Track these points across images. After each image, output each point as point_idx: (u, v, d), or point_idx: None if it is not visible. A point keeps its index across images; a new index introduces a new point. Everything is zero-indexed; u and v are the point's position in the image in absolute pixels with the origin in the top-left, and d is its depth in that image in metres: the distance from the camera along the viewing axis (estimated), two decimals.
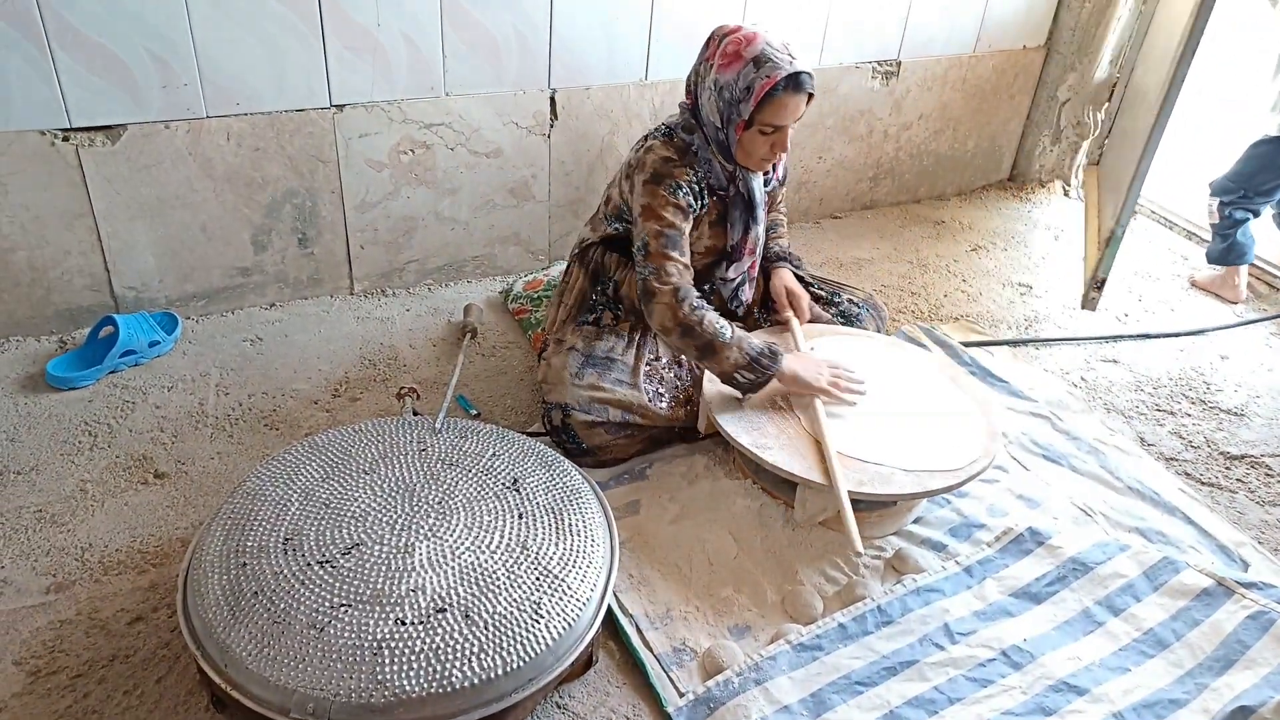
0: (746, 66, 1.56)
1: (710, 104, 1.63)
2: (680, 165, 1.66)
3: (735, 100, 1.58)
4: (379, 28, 1.96)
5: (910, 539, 1.62)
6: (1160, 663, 1.42)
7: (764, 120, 1.58)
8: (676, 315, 1.60)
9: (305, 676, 1.13)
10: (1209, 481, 1.86)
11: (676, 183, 1.65)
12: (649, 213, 1.65)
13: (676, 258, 1.63)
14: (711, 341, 1.59)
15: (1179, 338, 2.33)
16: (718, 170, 1.70)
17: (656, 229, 1.64)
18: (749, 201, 1.74)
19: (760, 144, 1.62)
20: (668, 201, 1.64)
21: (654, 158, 1.67)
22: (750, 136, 1.62)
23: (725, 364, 1.60)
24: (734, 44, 1.59)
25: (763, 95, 1.55)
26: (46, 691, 1.29)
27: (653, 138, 1.72)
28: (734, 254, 1.79)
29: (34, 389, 1.84)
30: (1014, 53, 2.87)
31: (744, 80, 1.56)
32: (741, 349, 1.60)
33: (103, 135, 1.84)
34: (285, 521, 1.32)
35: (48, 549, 1.51)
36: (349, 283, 2.23)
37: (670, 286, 1.61)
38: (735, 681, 1.35)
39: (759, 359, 1.60)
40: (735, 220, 1.75)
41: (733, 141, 1.63)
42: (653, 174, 1.66)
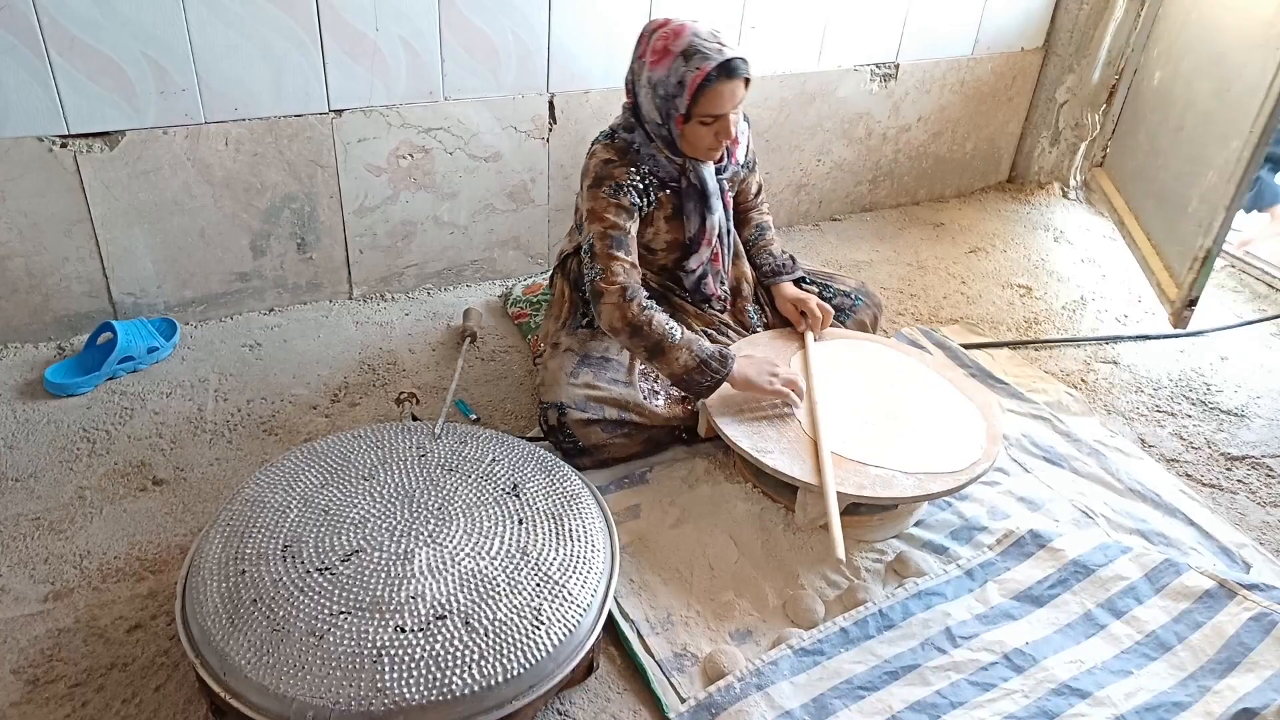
0: (676, 61, 1.57)
1: (648, 101, 1.64)
2: (620, 165, 1.68)
3: (670, 95, 1.59)
4: (377, 32, 1.96)
5: (911, 542, 1.62)
6: (1162, 665, 1.42)
7: (702, 112, 1.59)
8: (625, 314, 1.61)
9: (305, 684, 1.12)
10: (1210, 483, 1.85)
11: (617, 183, 1.66)
12: (592, 215, 1.67)
13: (622, 257, 1.64)
14: (660, 342, 1.60)
15: (1179, 338, 2.32)
16: (664, 164, 1.71)
17: (600, 230, 1.65)
18: (702, 191, 1.74)
19: (704, 134, 1.63)
20: (609, 203, 1.65)
21: (595, 162, 1.70)
22: (692, 129, 1.62)
23: (674, 365, 1.60)
24: (662, 39, 1.60)
25: (696, 87, 1.55)
26: (45, 700, 1.29)
27: (597, 142, 1.74)
28: (692, 245, 1.79)
29: (32, 396, 1.84)
30: (1012, 55, 2.88)
31: (675, 75, 1.57)
32: (691, 351, 1.60)
33: (101, 141, 1.84)
34: (284, 528, 1.32)
35: (46, 556, 1.51)
36: (348, 288, 2.23)
37: (617, 286, 1.62)
38: (737, 686, 1.34)
39: (708, 362, 1.60)
40: (690, 212, 1.76)
41: (676, 135, 1.64)
42: (594, 178, 1.68)
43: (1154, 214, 2.54)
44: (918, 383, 1.77)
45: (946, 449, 1.60)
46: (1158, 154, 2.56)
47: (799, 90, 2.55)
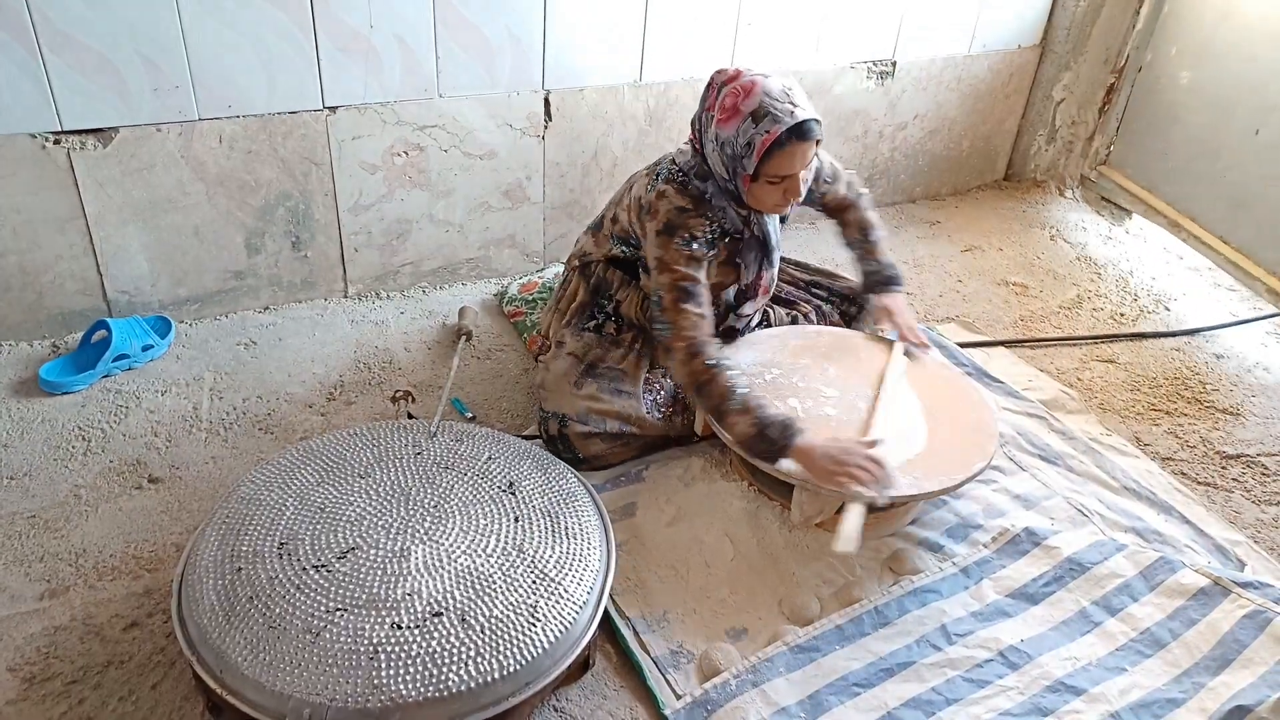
0: (745, 122, 1.50)
1: (715, 157, 1.59)
2: (695, 215, 1.61)
3: (739, 156, 1.53)
4: (371, 29, 1.95)
5: (907, 540, 1.62)
6: (1157, 662, 1.42)
7: (770, 173, 1.53)
8: (691, 371, 1.55)
9: (301, 681, 1.12)
10: (1205, 481, 1.86)
11: (691, 235, 1.60)
12: (662, 265, 1.59)
13: (691, 311, 1.57)
14: (719, 405, 1.52)
15: (1175, 337, 2.33)
16: (733, 217, 1.67)
17: (670, 282, 1.58)
18: (764, 243, 1.72)
19: (771, 193, 1.58)
20: (680, 254, 1.58)
21: (667, 206, 1.61)
22: (759, 187, 1.57)
23: (733, 430, 1.52)
24: (731, 96, 1.53)
25: (764, 150, 1.50)
26: (41, 698, 1.29)
27: (666, 180, 1.64)
28: (748, 292, 1.77)
29: (27, 394, 1.83)
30: (1009, 53, 2.88)
31: (744, 136, 1.51)
32: (750, 416, 1.49)
33: (94, 138, 1.83)
34: (280, 526, 1.32)
35: (41, 555, 1.50)
36: (343, 286, 2.23)
37: (684, 342, 1.55)
38: (733, 684, 1.34)
39: (767, 429, 1.48)
40: (750, 262, 1.72)
41: (743, 192, 1.59)
42: (665, 225, 1.60)
43: (1233, 219, 2.56)
44: (913, 381, 1.77)
45: (942, 447, 1.60)
46: (1217, 156, 2.59)
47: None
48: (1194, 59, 2.66)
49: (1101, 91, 2.94)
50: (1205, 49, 2.62)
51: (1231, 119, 2.54)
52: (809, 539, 1.59)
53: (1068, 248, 2.76)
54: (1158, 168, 2.81)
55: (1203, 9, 2.62)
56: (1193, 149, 2.68)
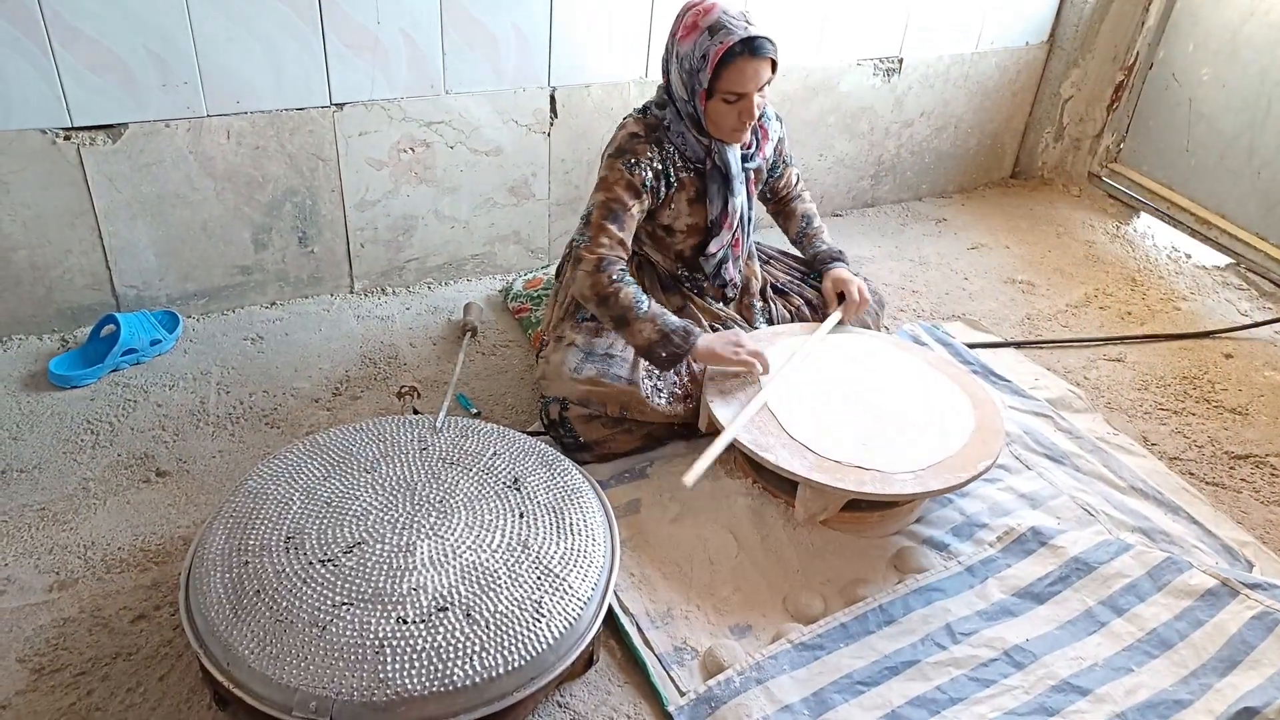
0: (702, 35, 1.59)
1: (677, 77, 1.66)
2: (644, 141, 1.69)
3: (695, 70, 1.61)
4: (378, 25, 1.95)
5: (912, 538, 1.62)
6: (1164, 663, 1.42)
7: (724, 88, 1.60)
8: (595, 283, 1.63)
9: (307, 675, 1.13)
10: (1213, 481, 1.85)
11: (636, 158, 1.67)
12: (602, 184, 1.68)
13: (613, 230, 1.65)
14: (625, 314, 1.62)
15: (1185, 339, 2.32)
16: (692, 143, 1.71)
17: (603, 199, 1.67)
18: (725, 174, 1.75)
19: (727, 113, 1.63)
20: (622, 175, 1.67)
21: (623, 133, 1.71)
22: (715, 106, 1.63)
23: (638, 338, 1.63)
24: (692, 15, 1.62)
25: (718, 61, 1.57)
26: (50, 689, 1.30)
27: (628, 116, 1.75)
28: (714, 228, 1.80)
29: (36, 387, 1.84)
30: (1016, 50, 2.87)
31: (700, 49, 1.59)
32: (655, 324, 1.62)
33: (104, 134, 1.84)
34: (287, 520, 1.32)
35: (50, 547, 1.51)
36: (349, 281, 2.23)
37: (595, 256, 1.64)
38: (736, 681, 1.34)
39: (670, 335, 1.62)
40: (713, 195, 1.76)
41: (700, 113, 1.65)
42: (616, 148, 1.69)
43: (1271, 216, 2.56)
44: (919, 379, 1.77)
45: (948, 445, 1.60)
46: (1252, 153, 2.59)
47: (801, 84, 2.54)
48: (1214, 55, 2.65)
49: (1110, 89, 2.93)
50: (1230, 46, 2.61)
51: (1267, 116, 2.53)
52: (813, 536, 1.59)
53: (1075, 245, 2.75)
54: (1179, 164, 2.80)
55: (1224, 6, 2.61)
56: (1222, 145, 2.67)
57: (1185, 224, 2.78)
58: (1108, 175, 3.01)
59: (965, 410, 1.70)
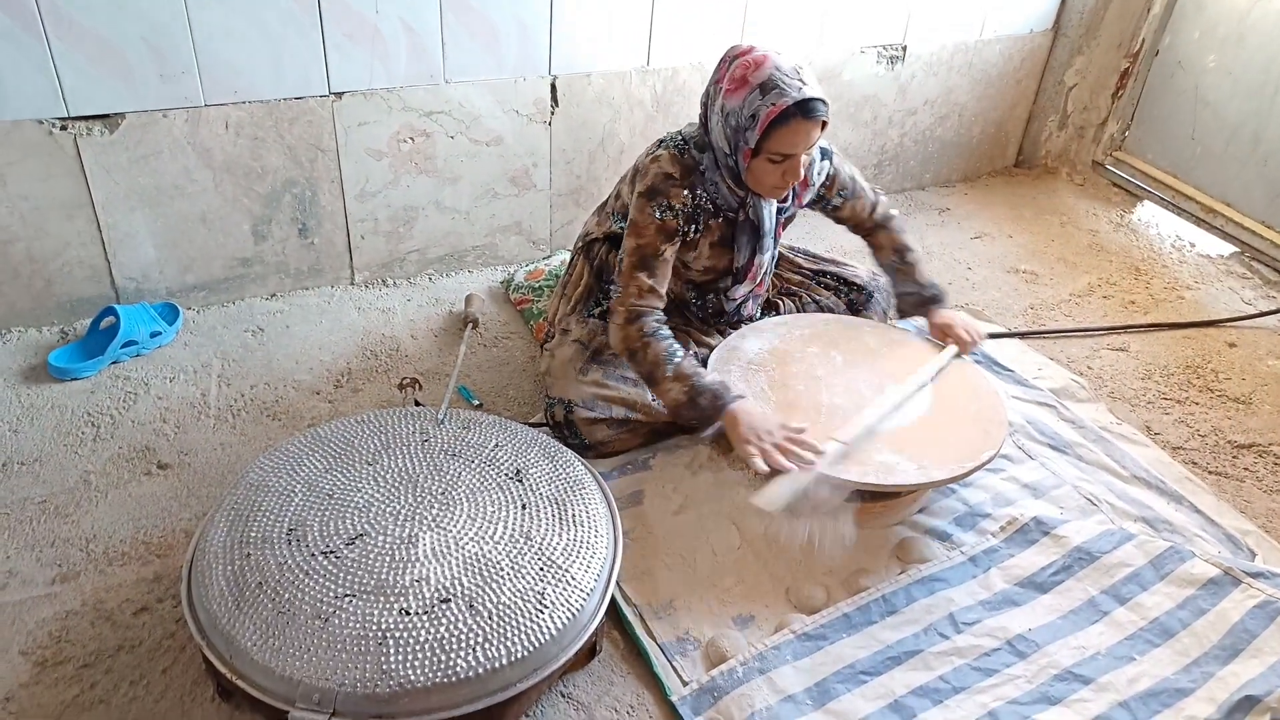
0: (753, 93, 1.49)
1: (719, 130, 1.58)
2: (679, 185, 1.61)
3: (741, 128, 1.52)
4: (377, 14, 1.94)
5: (915, 528, 1.61)
6: (1166, 652, 1.42)
7: (772, 149, 1.52)
8: (626, 338, 1.58)
9: (310, 666, 1.13)
10: (1216, 470, 1.85)
11: (669, 203, 1.60)
12: (633, 228, 1.62)
13: (643, 279, 1.59)
14: (652, 372, 1.55)
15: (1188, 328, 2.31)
16: (725, 193, 1.66)
17: (634, 245, 1.60)
18: (756, 229, 1.71)
19: (770, 172, 1.56)
20: (652, 220, 1.60)
21: (657, 170, 1.62)
22: (759, 165, 1.56)
23: (665, 397, 1.55)
24: (741, 68, 1.52)
25: (768, 123, 1.49)
26: (54, 682, 1.30)
27: (665, 146, 1.65)
28: (739, 276, 1.76)
29: (36, 380, 1.84)
30: (1020, 37, 2.85)
31: (749, 108, 1.50)
32: (683, 384, 1.52)
33: (101, 124, 1.83)
34: (289, 512, 1.32)
35: (52, 540, 1.51)
36: (350, 273, 2.22)
37: (625, 309, 1.59)
38: (739, 670, 1.34)
39: (698, 400, 1.51)
40: (742, 245, 1.72)
41: (742, 169, 1.58)
42: (649, 188, 1.61)
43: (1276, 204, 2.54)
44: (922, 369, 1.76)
45: (950, 435, 1.59)
46: (1257, 141, 2.57)
47: None
48: (1221, 42, 2.63)
49: (1115, 76, 2.91)
50: (1236, 33, 2.59)
51: (1273, 104, 2.51)
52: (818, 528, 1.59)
53: (1079, 235, 2.74)
54: (1184, 152, 2.78)
55: None
56: (1227, 133, 2.65)
57: (1190, 213, 2.77)
58: (1112, 164, 3.00)
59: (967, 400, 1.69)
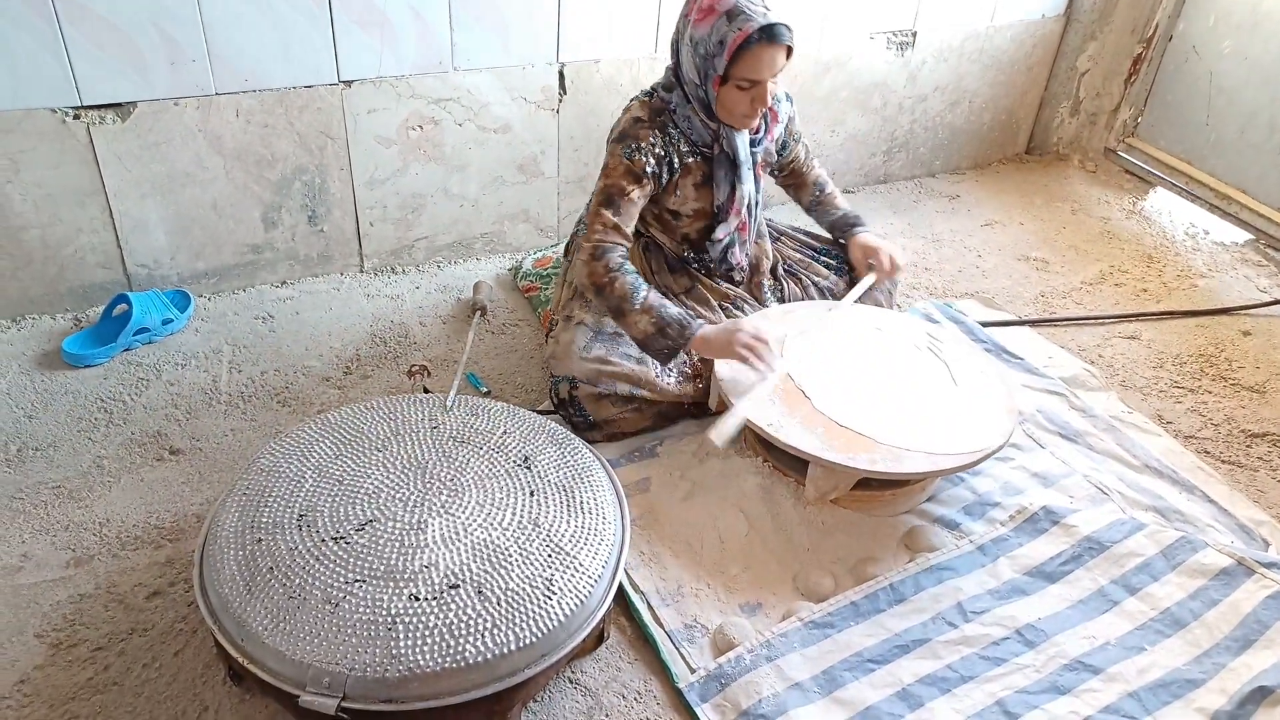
0: (719, 20, 1.55)
1: (689, 60, 1.62)
2: (648, 126, 1.66)
3: (710, 55, 1.57)
4: (386, 1, 1.94)
5: (924, 517, 1.61)
6: (1177, 642, 1.41)
7: (740, 75, 1.56)
8: (592, 272, 1.62)
9: (321, 651, 1.14)
10: (1229, 460, 1.83)
11: (637, 143, 1.65)
12: (604, 170, 1.67)
13: (608, 216, 1.64)
14: (620, 304, 1.61)
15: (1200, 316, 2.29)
16: (699, 127, 1.69)
17: (603, 184, 1.65)
18: (733, 160, 1.72)
19: (739, 99, 1.60)
20: (621, 161, 1.64)
21: (627, 117, 1.69)
22: (728, 92, 1.60)
23: (634, 329, 1.62)
24: None
25: (736, 48, 1.53)
26: (68, 664, 1.31)
27: (635, 98, 1.72)
28: (720, 213, 1.78)
29: (50, 366, 1.85)
30: (1032, 23, 2.82)
31: (717, 34, 1.55)
32: (651, 316, 1.60)
33: (113, 113, 1.84)
34: (299, 498, 1.33)
35: (66, 524, 1.53)
36: (359, 260, 2.23)
37: (591, 244, 1.63)
38: (747, 658, 1.35)
39: (666, 329, 1.60)
40: (720, 180, 1.74)
41: (712, 98, 1.62)
42: (619, 133, 1.67)
43: None
44: (931, 357, 1.76)
45: (960, 424, 1.59)
46: (1274, 128, 2.54)
47: (813, 59, 2.51)
48: (1236, 28, 2.60)
49: (1128, 62, 2.88)
50: (1252, 18, 2.56)
51: None
52: (824, 515, 1.59)
53: (1090, 222, 2.72)
54: (1198, 139, 2.76)
55: None
56: (1243, 119, 2.62)
57: (1204, 199, 2.74)
58: (1124, 150, 2.97)
59: (977, 389, 1.68)
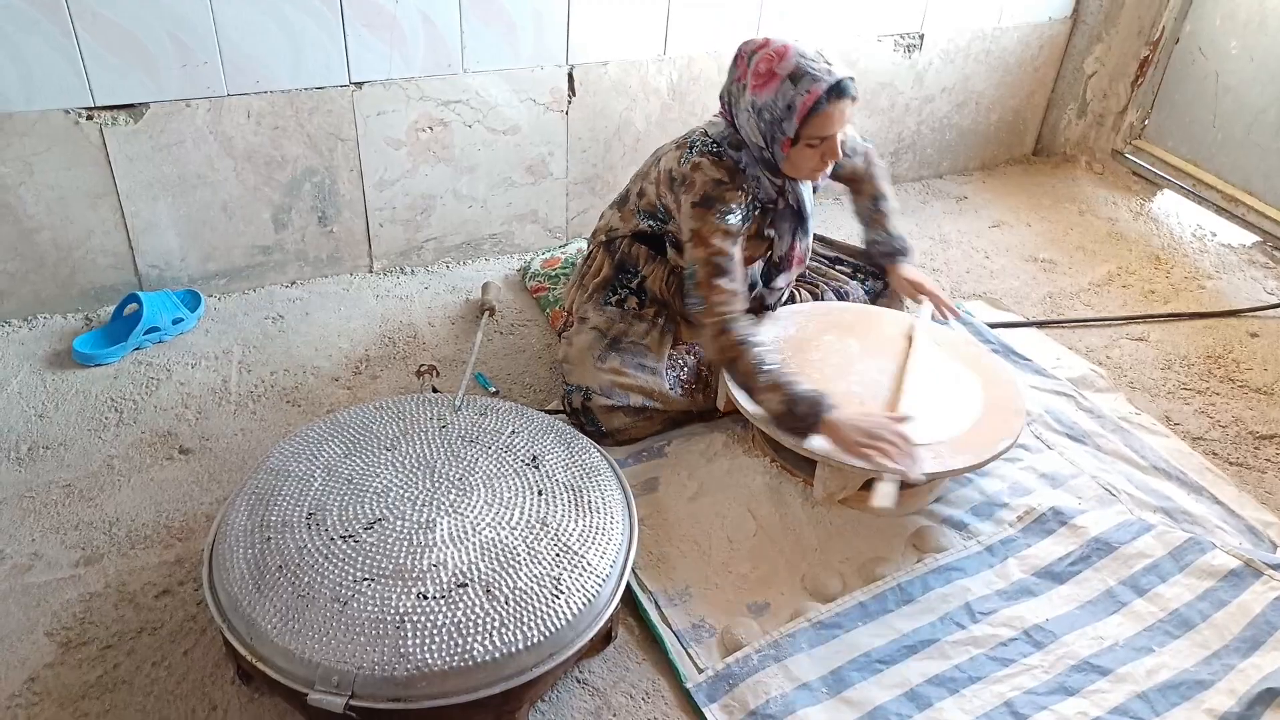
0: (783, 84, 1.50)
1: (751, 126, 1.57)
2: (731, 188, 1.60)
3: (777, 120, 1.52)
4: (396, 4, 1.95)
5: (931, 517, 1.61)
6: (1185, 643, 1.41)
7: (811, 134, 1.52)
8: (722, 347, 1.56)
9: (329, 649, 1.14)
10: (1237, 461, 1.83)
11: (728, 207, 1.59)
12: (698, 239, 1.58)
13: (724, 286, 1.56)
14: (748, 381, 1.54)
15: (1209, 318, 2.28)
16: (765, 185, 1.65)
17: (705, 256, 1.57)
18: (799, 213, 1.70)
19: (809, 156, 1.56)
20: (717, 228, 1.57)
21: (704, 179, 1.60)
22: (798, 152, 1.55)
23: (763, 407, 1.53)
24: (765, 61, 1.52)
25: (806, 111, 1.49)
26: (77, 662, 1.32)
27: (700, 152, 1.62)
28: (782, 264, 1.75)
29: (61, 366, 1.87)
30: (1039, 25, 2.81)
31: (783, 99, 1.50)
32: (780, 394, 1.49)
33: (125, 114, 1.85)
34: (308, 497, 1.33)
35: (76, 523, 1.54)
36: (368, 261, 2.24)
37: (715, 318, 1.56)
38: (754, 658, 1.35)
39: (794, 410, 1.48)
40: (784, 232, 1.71)
41: (780, 159, 1.58)
42: (703, 197, 1.59)
43: None
44: (939, 358, 1.75)
45: (968, 425, 1.59)
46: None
47: None
48: (1243, 28, 2.59)
49: (1135, 64, 2.87)
50: (1258, 17, 2.55)
51: None
52: (832, 515, 1.59)
53: (1098, 223, 2.71)
54: (1205, 140, 2.75)
55: None
56: (1249, 120, 2.62)
57: (1211, 201, 2.73)
58: (1131, 152, 2.96)
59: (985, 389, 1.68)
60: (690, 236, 1.60)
